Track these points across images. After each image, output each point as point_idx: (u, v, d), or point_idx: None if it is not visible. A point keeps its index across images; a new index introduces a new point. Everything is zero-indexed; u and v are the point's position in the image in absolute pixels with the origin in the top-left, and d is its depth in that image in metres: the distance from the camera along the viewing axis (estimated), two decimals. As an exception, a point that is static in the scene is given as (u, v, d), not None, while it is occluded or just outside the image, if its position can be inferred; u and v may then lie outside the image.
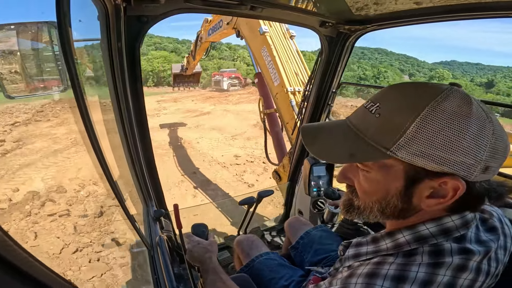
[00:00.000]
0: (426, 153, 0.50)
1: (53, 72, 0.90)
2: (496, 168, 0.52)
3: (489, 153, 0.49)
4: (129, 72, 1.21)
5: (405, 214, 0.59)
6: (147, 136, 1.51)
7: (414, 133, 0.50)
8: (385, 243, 0.61)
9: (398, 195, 0.57)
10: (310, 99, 2.06)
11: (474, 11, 1.13)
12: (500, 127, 0.51)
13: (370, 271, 0.56)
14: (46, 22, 0.84)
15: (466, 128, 0.48)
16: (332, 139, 0.63)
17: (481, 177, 0.51)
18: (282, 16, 1.52)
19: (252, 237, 1.53)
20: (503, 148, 0.51)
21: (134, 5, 1.10)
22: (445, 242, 0.56)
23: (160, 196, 1.78)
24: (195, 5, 1.20)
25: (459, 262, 0.53)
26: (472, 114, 0.49)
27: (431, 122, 0.49)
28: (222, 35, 5.22)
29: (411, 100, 0.53)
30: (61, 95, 0.89)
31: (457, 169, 0.50)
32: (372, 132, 0.55)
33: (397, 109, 0.53)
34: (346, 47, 1.80)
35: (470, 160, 0.49)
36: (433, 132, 0.49)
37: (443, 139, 0.49)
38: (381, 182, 0.58)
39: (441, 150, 0.49)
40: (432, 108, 0.50)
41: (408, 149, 0.51)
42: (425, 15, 1.29)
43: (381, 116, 0.55)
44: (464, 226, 0.56)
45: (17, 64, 0.93)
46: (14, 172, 6.50)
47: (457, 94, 0.51)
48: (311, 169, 1.66)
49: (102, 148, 0.99)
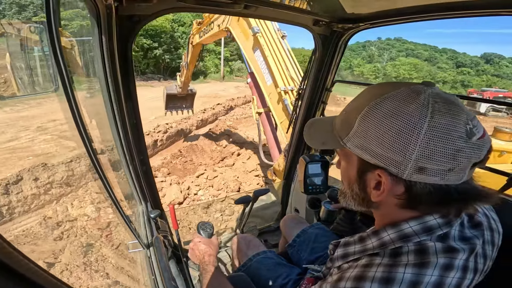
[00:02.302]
0: (363, 146, 0.57)
1: (43, 73, 0.89)
2: (439, 171, 0.50)
3: (420, 153, 0.50)
4: (121, 72, 1.20)
5: (369, 204, 0.64)
6: (141, 136, 1.50)
7: (356, 128, 0.58)
8: (371, 242, 0.63)
9: (357, 183, 0.64)
10: (304, 97, 2.06)
11: (469, 9, 1.13)
12: (448, 130, 0.49)
13: (358, 274, 0.58)
14: (36, 22, 0.83)
15: (393, 126, 0.52)
16: (318, 129, 0.74)
17: (418, 177, 0.52)
18: (276, 15, 1.52)
19: (249, 236, 1.53)
20: (447, 151, 0.49)
21: (126, 5, 1.08)
22: (428, 240, 0.57)
23: (156, 197, 1.78)
24: (188, 4, 1.20)
25: (445, 261, 0.54)
26: (405, 113, 0.52)
27: (367, 119, 0.56)
28: (213, 37, 5.20)
29: (363, 99, 0.60)
30: (52, 95, 0.88)
31: (387, 164, 0.54)
32: (338, 125, 0.65)
33: (354, 106, 0.61)
34: (339, 46, 1.81)
35: (398, 157, 0.52)
36: (367, 128, 0.56)
37: (374, 134, 0.55)
38: (345, 169, 0.68)
39: (373, 145, 0.55)
40: (370, 107, 0.56)
41: (353, 142, 0.59)
42: (418, 13, 1.30)
43: (345, 113, 0.64)
44: (447, 224, 0.57)
45: (7, 65, 0.91)
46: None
47: (406, 93, 0.54)
48: (307, 167, 1.66)
49: (95, 148, 0.98)
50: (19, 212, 5.06)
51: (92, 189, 5.92)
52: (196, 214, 4.92)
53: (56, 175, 5.96)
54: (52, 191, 5.72)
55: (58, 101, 0.85)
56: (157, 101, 7.60)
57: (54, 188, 5.78)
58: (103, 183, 1.06)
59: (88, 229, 4.58)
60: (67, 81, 0.68)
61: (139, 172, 1.53)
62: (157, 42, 25.26)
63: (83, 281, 3.43)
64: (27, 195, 5.34)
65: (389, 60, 52.79)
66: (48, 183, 5.72)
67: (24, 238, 4.29)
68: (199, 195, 6.29)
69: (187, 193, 6.20)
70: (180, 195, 5.99)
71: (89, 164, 0.87)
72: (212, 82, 25.54)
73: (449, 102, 0.52)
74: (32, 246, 4.12)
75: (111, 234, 4.37)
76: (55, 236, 4.35)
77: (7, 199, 5.08)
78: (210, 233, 1.31)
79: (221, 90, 7.56)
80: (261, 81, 3.74)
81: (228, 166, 7.58)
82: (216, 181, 6.67)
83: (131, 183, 1.56)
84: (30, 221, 4.88)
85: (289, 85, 3.47)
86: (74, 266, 3.66)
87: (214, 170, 7.27)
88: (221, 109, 13.76)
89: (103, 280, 3.46)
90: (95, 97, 1.37)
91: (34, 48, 0.91)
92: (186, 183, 6.62)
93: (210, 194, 6.28)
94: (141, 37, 24.30)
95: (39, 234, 4.44)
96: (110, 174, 1.79)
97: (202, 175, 6.98)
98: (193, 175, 7.10)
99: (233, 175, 6.89)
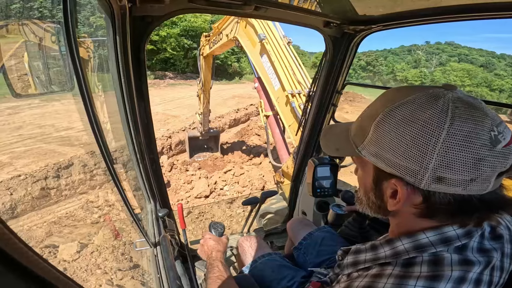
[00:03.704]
0: (378, 154, 0.55)
1: (59, 72, 0.92)
2: (459, 181, 0.48)
3: (438, 162, 0.48)
4: (134, 72, 1.22)
5: (386, 212, 0.62)
6: (152, 135, 1.52)
7: (371, 136, 0.56)
8: (384, 251, 0.60)
9: (373, 191, 0.62)
10: (314, 99, 2.05)
11: (485, 11, 1.10)
12: (470, 137, 0.46)
13: (367, 284, 0.56)
14: (53, 22, 0.85)
15: (408, 133, 0.50)
16: (334, 135, 0.72)
17: (437, 187, 0.50)
18: (286, 16, 1.52)
19: (255, 238, 1.53)
20: (469, 160, 0.46)
21: (139, 6, 1.11)
22: (445, 252, 0.54)
23: (164, 195, 1.79)
24: (199, 5, 1.21)
25: (459, 274, 0.51)
26: (422, 120, 0.49)
27: (381, 126, 0.54)
28: (223, 47, 5.34)
29: (378, 104, 0.58)
30: (68, 94, 0.90)
31: (403, 173, 0.52)
32: (353, 132, 0.63)
33: (369, 112, 0.59)
34: (351, 48, 1.79)
35: (415, 166, 0.50)
36: (382, 135, 0.54)
37: (389, 142, 0.53)
38: (361, 177, 0.66)
39: (388, 153, 0.53)
40: (384, 114, 0.54)
41: (368, 149, 0.57)
42: (432, 15, 1.27)
43: (361, 119, 0.62)
44: (467, 236, 0.54)
45: (25, 63, 0.94)
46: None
47: (424, 98, 0.51)
48: (315, 169, 1.64)
49: (108, 147, 1.00)
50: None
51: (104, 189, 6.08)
52: (220, 208, 5.19)
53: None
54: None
55: (73, 99, 0.87)
56: (194, 100, 7.98)
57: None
58: (114, 182, 1.08)
59: (98, 228, 4.68)
60: (82, 80, 0.70)
61: (149, 171, 1.55)
62: (197, 42, 25.59)
63: (89, 278, 3.49)
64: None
65: (438, 65, 50.04)
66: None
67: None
68: (225, 190, 6.55)
69: (214, 188, 6.52)
70: (207, 189, 6.33)
71: (102, 162, 0.89)
72: (247, 82, 25.86)
73: (472, 106, 0.49)
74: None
75: (119, 231, 4.44)
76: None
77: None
78: (220, 232, 1.35)
79: (255, 91, 7.65)
80: (269, 86, 3.81)
81: (255, 164, 7.86)
82: (242, 178, 6.93)
83: (141, 182, 1.58)
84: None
85: (296, 88, 3.49)
86: (80, 262, 3.73)
87: (241, 168, 7.51)
88: (254, 110, 14.03)
89: (109, 277, 3.51)
90: (109, 97, 1.40)
91: (51, 48, 0.94)
92: (214, 178, 6.93)
93: (235, 190, 6.54)
94: (182, 37, 24.85)
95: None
96: (121, 172, 1.83)
97: (230, 171, 7.24)
98: (221, 171, 7.40)
99: (259, 174, 7.09)
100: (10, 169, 6.00)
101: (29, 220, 4.98)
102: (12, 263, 0.26)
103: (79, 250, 3.91)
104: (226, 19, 4.60)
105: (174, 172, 7.38)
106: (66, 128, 8.94)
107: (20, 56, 0.91)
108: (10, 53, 0.89)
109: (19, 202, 5.12)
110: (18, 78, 0.91)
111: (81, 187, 6.09)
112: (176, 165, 7.70)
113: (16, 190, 5.24)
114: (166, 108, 13.49)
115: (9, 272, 0.25)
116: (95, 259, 3.79)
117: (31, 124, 9.21)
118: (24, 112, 10.26)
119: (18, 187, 5.30)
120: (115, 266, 3.66)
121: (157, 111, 12.30)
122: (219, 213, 5.16)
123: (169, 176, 7.15)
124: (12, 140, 7.64)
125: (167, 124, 10.93)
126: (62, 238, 4.35)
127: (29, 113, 10.22)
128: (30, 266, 0.28)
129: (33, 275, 0.29)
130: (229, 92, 19.27)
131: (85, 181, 6.18)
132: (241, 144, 9.69)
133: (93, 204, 5.52)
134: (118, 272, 3.57)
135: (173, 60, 25.45)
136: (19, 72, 0.91)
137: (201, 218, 5.00)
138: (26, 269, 0.28)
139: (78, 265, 3.68)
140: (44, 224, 4.85)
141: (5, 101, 10.13)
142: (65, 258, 3.80)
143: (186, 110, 12.82)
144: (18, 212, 5.04)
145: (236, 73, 30.28)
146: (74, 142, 7.83)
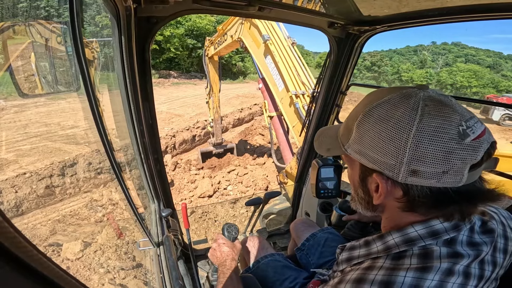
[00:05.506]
0: (361, 152, 0.60)
1: (66, 72, 0.93)
2: (432, 174, 0.50)
3: (411, 156, 0.51)
4: (139, 72, 1.23)
5: (374, 207, 0.66)
6: (156, 135, 1.52)
7: (354, 135, 0.61)
8: (376, 246, 0.62)
9: (361, 187, 0.66)
10: (318, 100, 2.04)
11: (491, 12, 1.09)
12: (437, 131, 0.50)
13: (358, 276, 0.57)
14: (60, 22, 0.86)
15: (384, 130, 0.55)
16: (326, 136, 0.76)
17: (413, 180, 0.53)
18: (290, 17, 1.51)
19: (258, 238, 1.53)
20: (438, 153, 0.50)
21: (144, 6, 1.11)
22: (434, 245, 0.56)
23: (168, 195, 1.80)
24: (204, 6, 1.21)
25: (447, 266, 0.53)
26: (394, 118, 0.54)
27: (362, 125, 0.59)
28: (227, 48, 5.36)
29: (361, 105, 0.62)
30: (74, 94, 0.91)
31: (382, 168, 0.56)
32: (341, 132, 0.68)
33: (353, 113, 0.63)
34: (355, 48, 1.78)
35: (391, 161, 0.54)
36: (362, 133, 0.59)
37: (368, 139, 0.57)
38: (351, 175, 0.70)
39: (368, 150, 0.57)
40: (364, 113, 0.59)
41: (352, 147, 0.62)
42: (437, 15, 1.26)
43: (347, 120, 0.66)
44: (455, 229, 0.56)
45: (32, 64, 0.95)
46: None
47: (398, 98, 0.56)
48: (319, 170, 1.63)
49: (113, 146, 1.00)
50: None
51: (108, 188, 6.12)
52: (223, 208, 5.18)
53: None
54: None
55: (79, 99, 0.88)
56: (198, 99, 8.00)
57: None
58: (118, 181, 1.09)
59: (103, 227, 4.71)
60: (88, 81, 0.71)
61: (153, 171, 1.56)
62: (201, 42, 25.64)
63: (92, 277, 3.52)
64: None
65: (444, 66, 49.55)
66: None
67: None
68: (228, 190, 6.52)
69: (217, 187, 6.48)
70: (211, 188, 6.29)
71: (106, 161, 0.90)
72: (251, 82, 25.94)
73: (442, 104, 0.53)
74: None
75: (122, 230, 4.46)
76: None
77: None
78: (234, 237, 1.32)
79: (259, 91, 7.61)
80: (273, 87, 3.81)
81: (259, 164, 7.80)
82: (245, 178, 6.90)
83: (145, 182, 1.59)
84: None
85: (300, 89, 3.49)
86: (83, 262, 3.76)
87: (245, 167, 7.49)
88: (258, 110, 14.10)
89: (112, 277, 3.53)
90: (114, 96, 1.41)
91: (57, 48, 0.95)
92: (218, 177, 6.90)
93: (238, 190, 6.51)
94: (186, 37, 24.97)
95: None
96: (125, 172, 1.84)
97: (233, 171, 7.22)
98: (225, 171, 7.38)
99: (263, 174, 7.07)
100: (15, 167, 6.06)
101: (33, 218, 5.03)
102: (16, 261, 0.26)
103: (82, 248, 3.95)
104: (230, 20, 4.61)
105: (177, 171, 7.44)
106: (72, 126, 9.02)
107: (27, 56, 0.92)
108: (17, 54, 0.90)
109: (24, 200, 5.18)
110: (25, 78, 0.92)
111: (86, 186, 6.14)
112: (180, 164, 7.75)
113: (21, 187, 5.30)
114: (171, 107, 13.61)
115: (13, 270, 0.26)
116: (98, 258, 3.81)
117: (37, 122, 9.31)
118: (30, 110, 10.36)
119: (23, 184, 5.36)
120: (118, 265, 3.68)
121: (161, 110, 12.42)
122: (222, 213, 5.16)
123: (172, 175, 7.19)
124: (18, 138, 7.72)
125: (172, 123, 11.01)
126: (66, 237, 4.39)
127: (35, 111, 10.33)
128: (33, 264, 0.28)
129: (37, 274, 0.29)
130: (233, 92, 19.35)
131: (90, 180, 6.23)
132: (244, 144, 9.72)
133: (97, 203, 5.56)
134: (121, 271, 3.59)
135: (178, 60, 25.57)
136: (26, 73, 0.92)
137: (204, 218, 5.00)
138: (29, 267, 0.28)
139: (81, 263, 3.71)
140: (49, 222, 4.90)
141: (11, 99, 10.25)
142: (69, 256, 3.84)
143: (190, 109, 12.97)
144: (23, 210, 5.10)
145: (240, 72, 30.29)
146: (79, 141, 7.89)
